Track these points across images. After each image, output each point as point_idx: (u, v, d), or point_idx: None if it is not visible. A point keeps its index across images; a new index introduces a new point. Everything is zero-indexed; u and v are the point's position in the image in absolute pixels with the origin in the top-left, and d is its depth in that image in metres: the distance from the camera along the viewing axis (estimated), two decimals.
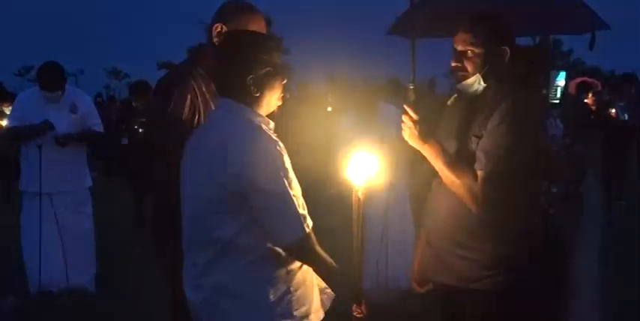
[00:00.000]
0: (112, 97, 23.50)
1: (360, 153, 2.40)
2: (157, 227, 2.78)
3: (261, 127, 2.19)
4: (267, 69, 2.24)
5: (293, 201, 2.10)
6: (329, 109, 10.35)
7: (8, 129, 5.69)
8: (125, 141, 8.42)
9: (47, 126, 5.36)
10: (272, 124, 2.32)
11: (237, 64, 2.23)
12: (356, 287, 2.44)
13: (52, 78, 5.50)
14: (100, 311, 5.05)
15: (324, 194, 5.72)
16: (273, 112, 2.36)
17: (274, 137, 2.19)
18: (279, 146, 2.14)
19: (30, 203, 5.52)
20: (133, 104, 8.72)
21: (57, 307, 5.18)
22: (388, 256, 5.20)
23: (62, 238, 5.46)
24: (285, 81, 2.35)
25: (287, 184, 2.10)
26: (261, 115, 2.27)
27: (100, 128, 5.79)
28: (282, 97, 2.39)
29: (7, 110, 10.00)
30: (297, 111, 7.99)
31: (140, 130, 7.71)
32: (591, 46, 4.11)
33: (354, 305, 2.40)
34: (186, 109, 2.66)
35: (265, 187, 2.07)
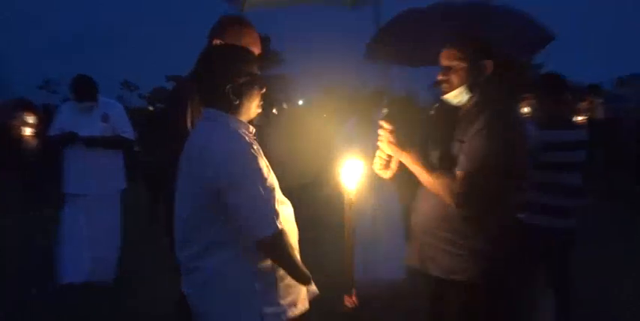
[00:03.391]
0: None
1: (352, 159, 2.41)
2: (170, 226, 2.78)
3: (237, 132, 2.20)
4: (245, 79, 2.25)
5: (265, 199, 2.10)
6: (324, 115, 10.34)
7: (48, 137, 5.75)
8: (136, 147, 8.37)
9: (70, 136, 5.46)
10: (252, 129, 2.33)
11: (216, 74, 2.25)
12: (347, 278, 2.44)
13: (81, 89, 5.59)
14: (117, 303, 5.07)
15: (321, 193, 5.73)
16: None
17: (249, 140, 2.20)
18: (254, 148, 2.16)
19: (69, 204, 5.61)
20: (150, 108, 8.74)
21: (78, 298, 5.20)
22: (378, 249, 5.22)
23: (93, 234, 5.54)
24: (263, 90, 2.36)
25: (260, 184, 2.10)
26: (240, 121, 2.28)
27: (129, 136, 5.82)
28: (262, 104, 2.39)
29: (30, 119, 10.05)
30: (299, 118, 8.03)
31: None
32: None
33: (346, 296, 2.40)
34: (188, 119, 2.66)
35: (238, 187, 2.09)
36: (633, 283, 5.41)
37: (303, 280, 2.29)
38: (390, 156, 2.77)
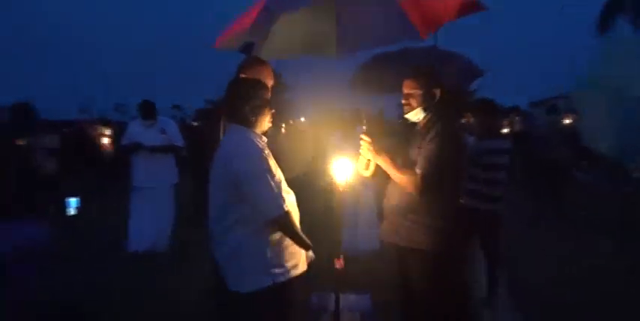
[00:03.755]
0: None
1: (341, 160, 2.40)
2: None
3: (253, 141, 2.22)
4: (259, 102, 2.28)
5: (274, 189, 2.12)
6: (320, 128, 10.29)
7: (120, 146, 5.82)
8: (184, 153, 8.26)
9: (137, 145, 5.53)
10: (264, 138, 2.34)
11: (239, 98, 2.27)
12: (337, 246, 2.42)
13: (146, 111, 5.68)
14: (169, 267, 5.08)
15: (318, 185, 5.74)
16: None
17: (262, 147, 2.22)
18: (265, 153, 2.18)
19: (135, 193, 5.67)
20: (195, 124, 8.63)
21: (144, 262, 5.23)
22: (358, 226, 5.21)
23: (153, 215, 5.58)
24: (272, 111, 2.37)
25: (270, 178, 2.12)
26: (256, 133, 2.30)
27: (180, 144, 5.83)
28: (272, 120, 2.40)
29: (107, 131, 10.09)
30: (302, 130, 8.04)
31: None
32: None
33: (336, 259, 2.39)
34: (220, 132, 2.64)
35: (254, 180, 2.11)
36: (536, 250, 5.49)
37: (306, 247, 2.29)
38: (369, 160, 2.76)
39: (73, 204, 3.60)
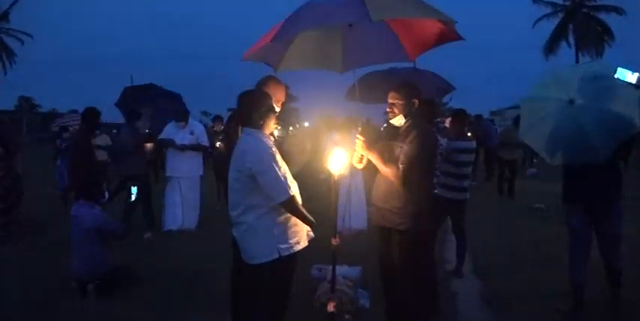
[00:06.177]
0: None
1: (337, 151, 2.40)
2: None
3: (263, 140, 2.21)
4: (265, 108, 2.26)
5: (281, 178, 2.11)
6: (321, 131, 10.23)
7: (158, 140, 5.79)
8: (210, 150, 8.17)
9: (170, 142, 5.56)
10: (272, 138, 2.33)
11: (250, 106, 2.25)
12: (333, 226, 2.41)
13: (179, 115, 5.71)
14: (196, 243, 5.05)
15: (318, 178, 5.74)
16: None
17: (270, 145, 2.20)
18: (272, 150, 2.17)
19: (169, 182, 5.67)
20: (215, 128, 8.46)
21: (176, 238, 5.18)
22: (351, 211, 5.19)
23: (183, 200, 5.57)
24: (276, 114, 2.36)
25: (277, 169, 2.11)
26: (264, 134, 2.27)
27: (205, 143, 5.84)
28: (278, 123, 2.40)
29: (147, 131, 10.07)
30: (306, 132, 8.00)
31: (218, 144, 7.37)
32: None
33: (332, 238, 2.38)
34: (239, 133, 2.62)
35: (265, 172, 2.10)
36: (497, 232, 5.47)
37: (310, 224, 2.28)
38: (362, 155, 2.75)
39: (134, 191, 3.69)
